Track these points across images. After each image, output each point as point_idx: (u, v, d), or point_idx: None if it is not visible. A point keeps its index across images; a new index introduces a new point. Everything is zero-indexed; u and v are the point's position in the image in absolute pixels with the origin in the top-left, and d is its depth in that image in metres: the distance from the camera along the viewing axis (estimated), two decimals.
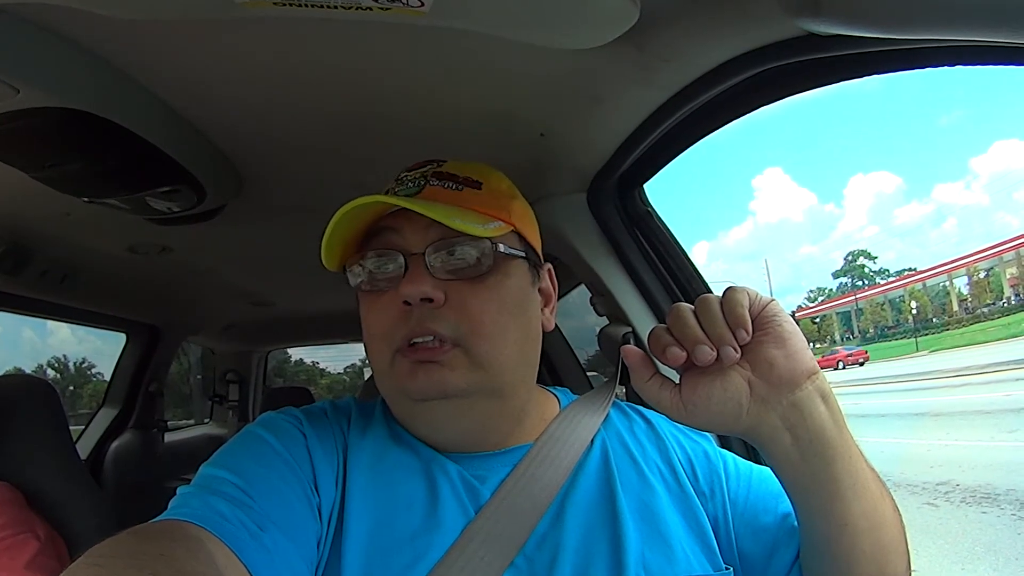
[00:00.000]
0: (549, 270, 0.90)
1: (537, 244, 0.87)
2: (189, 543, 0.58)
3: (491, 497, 0.75)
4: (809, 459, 0.68)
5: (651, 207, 1.57)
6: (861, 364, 29.40)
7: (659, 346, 0.69)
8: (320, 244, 0.77)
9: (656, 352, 0.70)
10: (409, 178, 0.81)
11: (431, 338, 0.73)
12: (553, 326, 0.89)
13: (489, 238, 0.77)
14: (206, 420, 4.35)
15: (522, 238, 0.84)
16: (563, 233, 1.58)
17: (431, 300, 0.74)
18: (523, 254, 0.83)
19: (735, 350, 0.67)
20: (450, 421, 0.78)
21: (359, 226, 0.78)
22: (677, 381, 0.71)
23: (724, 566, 0.79)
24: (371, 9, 0.78)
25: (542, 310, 0.87)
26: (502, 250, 0.78)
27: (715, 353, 0.67)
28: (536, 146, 1.34)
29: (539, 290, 0.87)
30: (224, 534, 0.61)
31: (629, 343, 1.55)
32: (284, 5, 0.77)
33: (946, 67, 0.78)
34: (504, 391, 0.79)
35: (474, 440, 0.81)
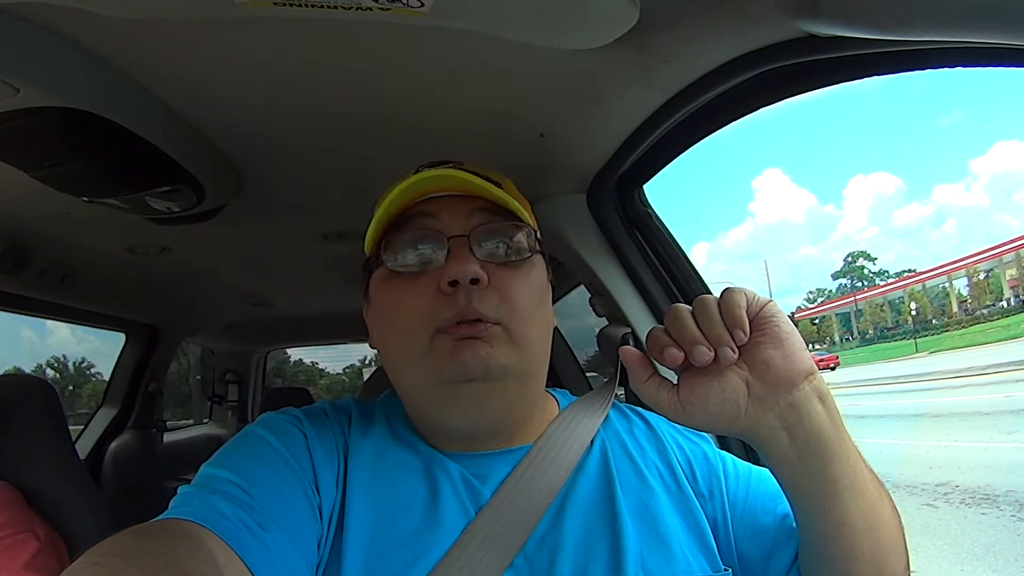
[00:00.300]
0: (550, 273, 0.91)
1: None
2: (190, 542, 0.58)
3: (491, 497, 0.75)
4: (806, 459, 0.68)
5: (651, 208, 1.57)
6: (832, 369, 29.82)
7: (657, 347, 0.69)
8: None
9: (654, 353, 0.70)
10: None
11: (476, 319, 0.74)
12: (555, 323, 0.89)
13: (529, 226, 0.80)
14: (205, 420, 4.35)
15: (538, 238, 0.85)
16: (563, 233, 1.58)
17: (477, 281, 0.74)
18: (542, 251, 0.85)
19: (733, 351, 0.67)
20: (481, 404, 0.77)
21: (393, 211, 0.79)
22: (675, 383, 0.71)
23: (723, 567, 0.78)
24: (371, 9, 0.78)
25: None
26: (538, 239, 0.82)
27: (712, 354, 0.66)
28: (536, 146, 1.35)
29: None
30: (225, 533, 0.61)
31: (628, 344, 1.55)
32: (284, 5, 0.77)
33: (946, 68, 0.78)
34: (531, 375, 0.80)
35: (490, 430, 0.81)
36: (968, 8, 0.59)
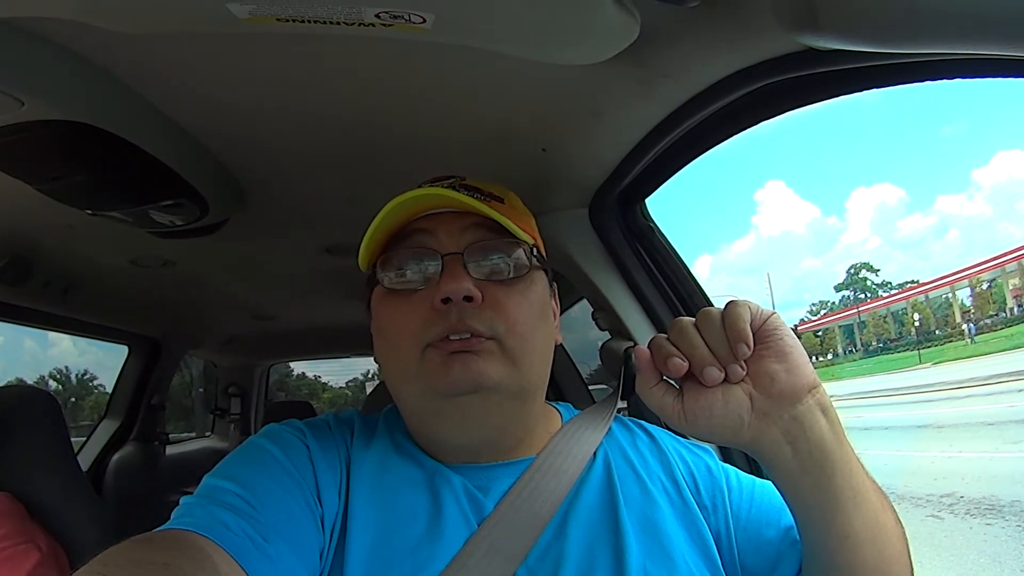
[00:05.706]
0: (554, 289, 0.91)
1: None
2: (193, 552, 0.58)
3: (494, 509, 0.75)
4: (809, 471, 0.68)
5: (653, 222, 1.58)
6: None
7: (661, 355, 0.70)
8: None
9: (658, 361, 0.70)
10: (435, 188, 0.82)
11: (468, 335, 0.74)
12: (561, 339, 0.89)
13: (526, 243, 0.80)
14: (208, 433, 4.34)
15: (539, 253, 0.85)
16: (565, 248, 1.58)
17: (470, 299, 0.74)
18: (544, 267, 0.85)
19: (741, 367, 0.68)
20: (475, 419, 0.77)
21: (391, 226, 0.80)
22: (677, 387, 0.72)
23: None
24: (373, 25, 0.78)
25: None
26: (535, 256, 0.81)
27: (723, 374, 0.68)
28: (538, 161, 1.35)
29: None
30: (228, 544, 0.61)
31: (631, 358, 1.54)
32: (288, 21, 0.78)
33: (946, 80, 0.78)
34: (528, 393, 0.80)
35: (489, 444, 0.81)
36: (967, 20, 0.59)
